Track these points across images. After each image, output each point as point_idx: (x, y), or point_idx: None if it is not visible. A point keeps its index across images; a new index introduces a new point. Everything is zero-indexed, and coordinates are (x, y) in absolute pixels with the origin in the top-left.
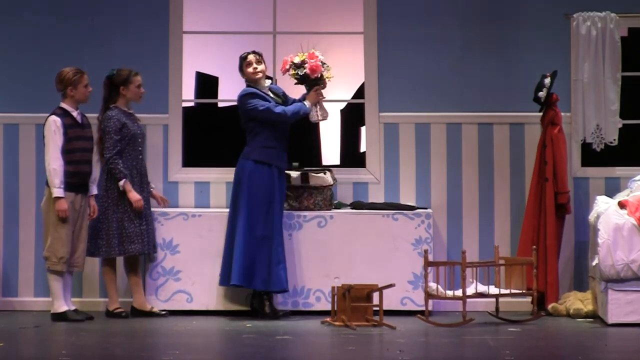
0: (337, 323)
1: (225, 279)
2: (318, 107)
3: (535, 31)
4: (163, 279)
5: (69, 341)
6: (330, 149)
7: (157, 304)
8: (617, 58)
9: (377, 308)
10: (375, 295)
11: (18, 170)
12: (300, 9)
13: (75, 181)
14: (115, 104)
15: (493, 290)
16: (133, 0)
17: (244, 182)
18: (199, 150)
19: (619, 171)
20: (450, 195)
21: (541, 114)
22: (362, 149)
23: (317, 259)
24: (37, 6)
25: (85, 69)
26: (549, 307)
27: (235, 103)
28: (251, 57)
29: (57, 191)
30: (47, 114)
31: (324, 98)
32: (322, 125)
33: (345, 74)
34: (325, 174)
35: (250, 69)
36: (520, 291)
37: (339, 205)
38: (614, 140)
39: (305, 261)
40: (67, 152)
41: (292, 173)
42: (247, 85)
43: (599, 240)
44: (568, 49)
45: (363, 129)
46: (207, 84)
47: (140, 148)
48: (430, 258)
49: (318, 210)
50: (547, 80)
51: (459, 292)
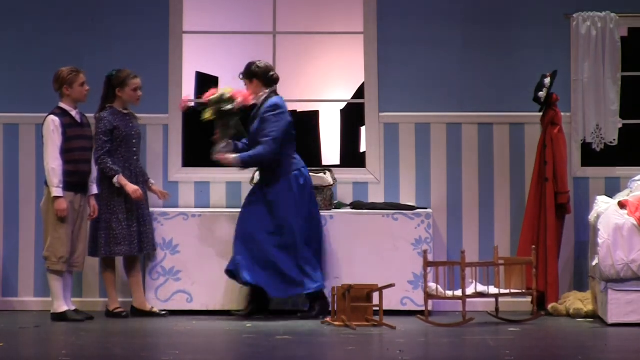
0: (337, 323)
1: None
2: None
3: (535, 31)
4: (163, 279)
5: (69, 341)
6: (330, 149)
7: (157, 304)
8: (617, 58)
9: (377, 308)
10: (375, 295)
11: (18, 170)
12: (300, 9)
13: (75, 180)
14: (112, 104)
15: (493, 290)
16: (133, 0)
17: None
18: (199, 150)
19: (619, 171)
20: (450, 196)
21: (541, 114)
22: (362, 149)
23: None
24: (37, 6)
25: (85, 69)
26: (549, 307)
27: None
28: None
29: (56, 191)
30: (47, 114)
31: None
32: (322, 126)
33: (345, 74)
34: (325, 174)
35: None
36: (520, 291)
37: (339, 205)
38: (614, 140)
39: None
40: (66, 151)
41: None
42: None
43: (599, 240)
44: (568, 49)
45: (363, 129)
46: (207, 84)
47: (135, 149)
48: (430, 258)
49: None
50: (547, 80)
51: (458, 292)
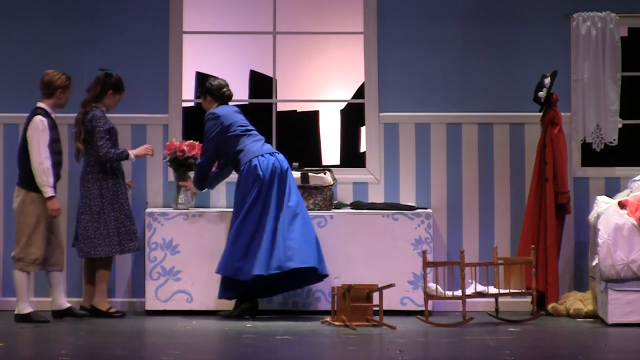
0: (337, 323)
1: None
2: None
3: (535, 31)
4: (163, 279)
5: (69, 341)
6: (330, 149)
7: (157, 304)
8: (617, 58)
9: (377, 308)
10: (375, 295)
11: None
12: (300, 9)
13: (54, 182)
14: (98, 103)
15: (492, 290)
16: (133, 0)
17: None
18: None
19: (619, 171)
20: (450, 196)
21: (541, 114)
22: (362, 149)
23: None
24: (37, 6)
25: (85, 69)
26: (549, 307)
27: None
28: None
29: (50, 190)
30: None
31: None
32: (322, 126)
33: (345, 74)
34: (325, 174)
35: None
36: (520, 291)
37: (339, 205)
38: (614, 140)
39: None
40: (51, 153)
41: (293, 173)
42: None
43: (599, 240)
44: (568, 49)
45: (363, 129)
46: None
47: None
48: (430, 258)
49: (318, 210)
50: (547, 80)
51: (458, 292)
